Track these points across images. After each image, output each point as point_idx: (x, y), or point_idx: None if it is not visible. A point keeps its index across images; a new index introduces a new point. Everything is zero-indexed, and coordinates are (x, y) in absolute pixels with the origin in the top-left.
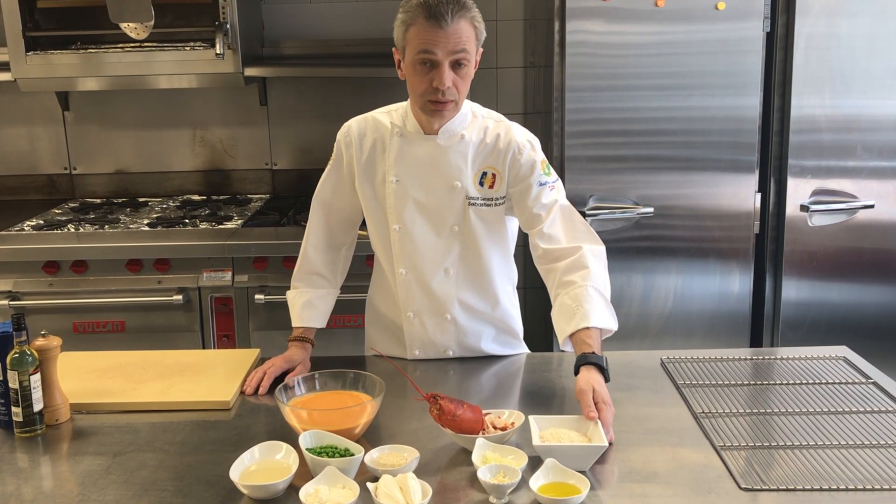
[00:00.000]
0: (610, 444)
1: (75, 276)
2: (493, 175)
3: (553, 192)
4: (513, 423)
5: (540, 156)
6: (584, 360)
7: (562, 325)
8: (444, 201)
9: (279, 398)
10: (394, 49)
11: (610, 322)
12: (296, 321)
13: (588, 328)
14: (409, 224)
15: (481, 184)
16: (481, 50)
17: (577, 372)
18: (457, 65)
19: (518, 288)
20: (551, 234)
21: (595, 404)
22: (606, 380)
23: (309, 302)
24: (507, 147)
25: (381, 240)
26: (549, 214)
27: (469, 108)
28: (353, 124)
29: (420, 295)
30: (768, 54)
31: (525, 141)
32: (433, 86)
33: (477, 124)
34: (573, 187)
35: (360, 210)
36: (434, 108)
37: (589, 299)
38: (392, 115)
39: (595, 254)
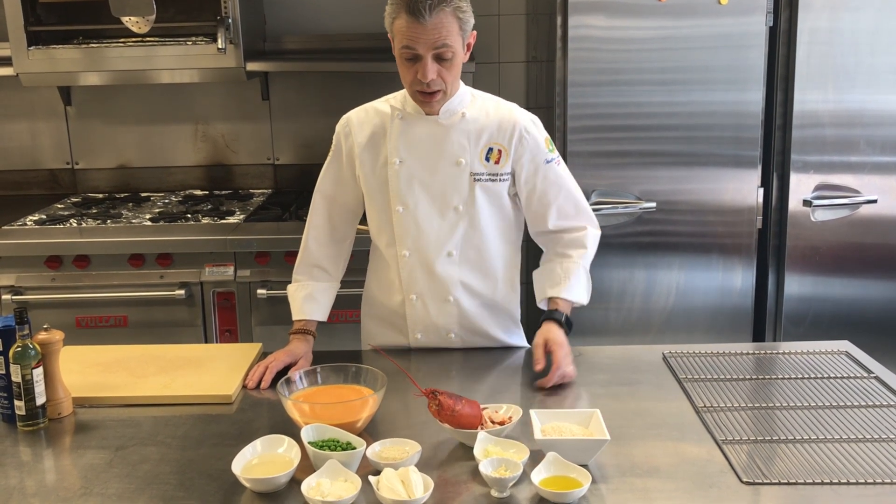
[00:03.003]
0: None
1: (78, 271)
2: (500, 151)
3: (559, 167)
4: (510, 418)
5: (543, 133)
6: (548, 316)
7: (545, 287)
8: (448, 179)
9: (281, 392)
10: (388, 35)
11: (584, 297)
12: (297, 314)
13: (565, 298)
14: (413, 205)
15: (487, 159)
16: (474, 33)
17: (540, 325)
18: (440, 58)
19: (521, 283)
20: (560, 213)
21: (550, 351)
22: (567, 333)
23: (310, 295)
24: (513, 127)
25: (383, 224)
26: (558, 193)
27: (468, 90)
28: (351, 115)
29: (423, 277)
30: (771, 49)
31: (529, 121)
32: (418, 78)
33: (477, 104)
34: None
35: (361, 201)
36: (423, 98)
37: (577, 275)
38: (391, 101)
39: (594, 237)
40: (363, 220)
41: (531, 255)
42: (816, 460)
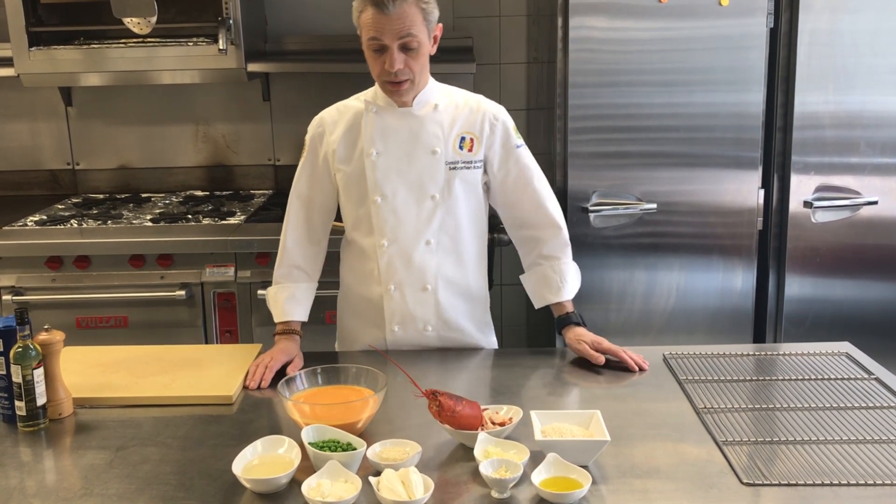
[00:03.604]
0: (642, 370)
1: (78, 272)
2: (472, 139)
3: (527, 152)
4: (511, 419)
5: (511, 122)
6: (568, 322)
7: (544, 294)
8: (424, 168)
9: (281, 393)
10: (357, 31)
11: (577, 288)
12: (280, 316)
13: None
14: (391, 195)
15: (461, 147)
16: (440, 26)
17: (558, 330)
18: (405, 47)
19: (517, 285)
20: (539, 201)
21: (603, 352)
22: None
23: (292, 296)
24: (483, 115)
25: (361, 215)
26: (532, 177)
27: (438, 84)
28: (323, 114)
29: (402, 266)
30: (772, 50)
31: (497, 109)
32: (385, 68)
33: (447, 96)
34: (576, 183)
35: (337, 201)
36: (391, 88)
37: (570, 274)
38: (362, 97)
39: (567, 232)
40: (338, 218)
41: (507, 259)
42: (817, 461)
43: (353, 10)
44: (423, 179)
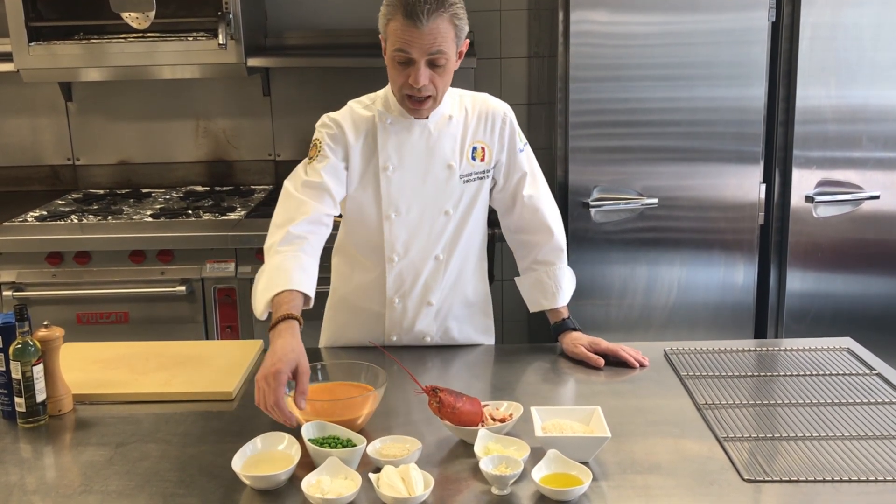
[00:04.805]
0: (643, 366)
1: (78, 267)
2: (483, 148)
3: (529, 155)
4: (511, 415)
5: (516, 123)
6: (564, 327)
7: (538, 300)
8: (439, 184)
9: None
10: (380, 36)
11: (571, 292)
12: (285, 284)
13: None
14: (405, 211)
15: (473, 158)
16: (467, 41)
17: (555, 338)
18: (433, 64)
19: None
20: (534, 206)
21: (602, 354)
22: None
23: (302, 267)
24: (493, 118)
25: (371, 229)
26: (530, 182)
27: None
28: (336, 117)
29: (409, 280)
30: (773, 44)
31: (503, 110)
32: (409, 83)
33: (457, 103)
34: (577, 178)
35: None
36: (412, 105)
37: (564, 279)
38: (372, 106)
39: (563, 236)
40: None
41: (507, 254)
42: (818, 457)
43: (380, 16)
44: (438, 195)
